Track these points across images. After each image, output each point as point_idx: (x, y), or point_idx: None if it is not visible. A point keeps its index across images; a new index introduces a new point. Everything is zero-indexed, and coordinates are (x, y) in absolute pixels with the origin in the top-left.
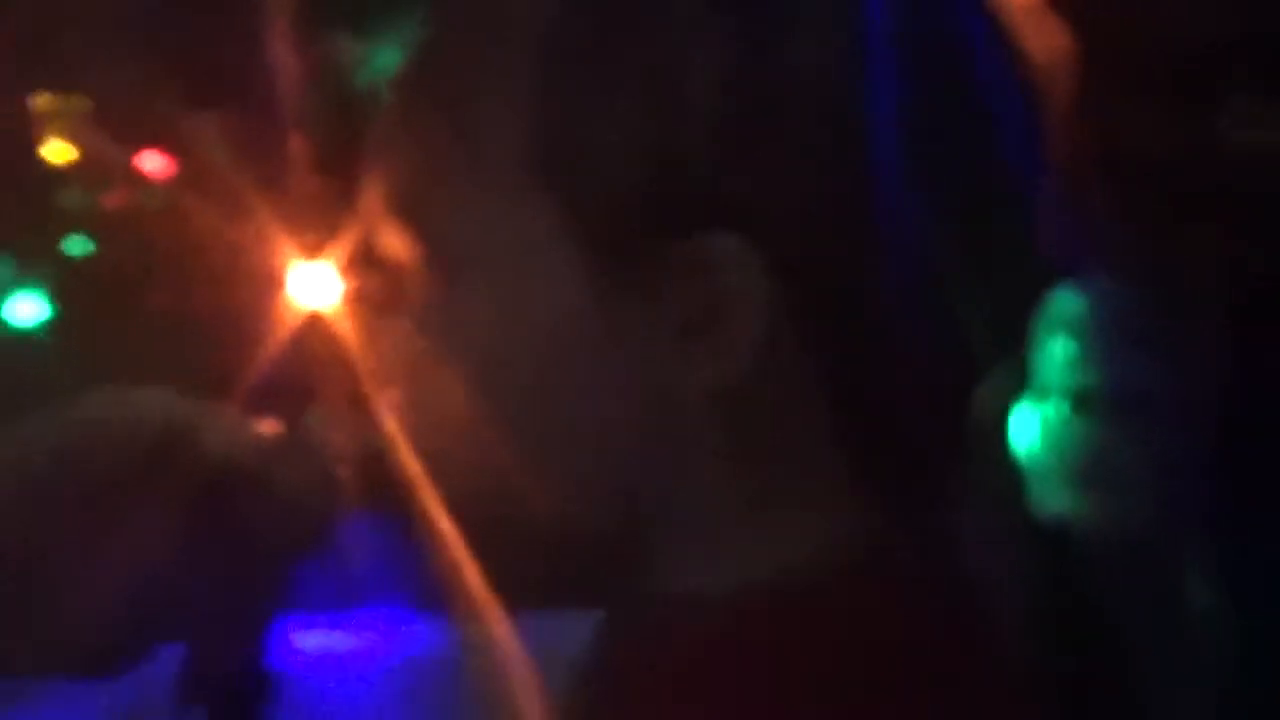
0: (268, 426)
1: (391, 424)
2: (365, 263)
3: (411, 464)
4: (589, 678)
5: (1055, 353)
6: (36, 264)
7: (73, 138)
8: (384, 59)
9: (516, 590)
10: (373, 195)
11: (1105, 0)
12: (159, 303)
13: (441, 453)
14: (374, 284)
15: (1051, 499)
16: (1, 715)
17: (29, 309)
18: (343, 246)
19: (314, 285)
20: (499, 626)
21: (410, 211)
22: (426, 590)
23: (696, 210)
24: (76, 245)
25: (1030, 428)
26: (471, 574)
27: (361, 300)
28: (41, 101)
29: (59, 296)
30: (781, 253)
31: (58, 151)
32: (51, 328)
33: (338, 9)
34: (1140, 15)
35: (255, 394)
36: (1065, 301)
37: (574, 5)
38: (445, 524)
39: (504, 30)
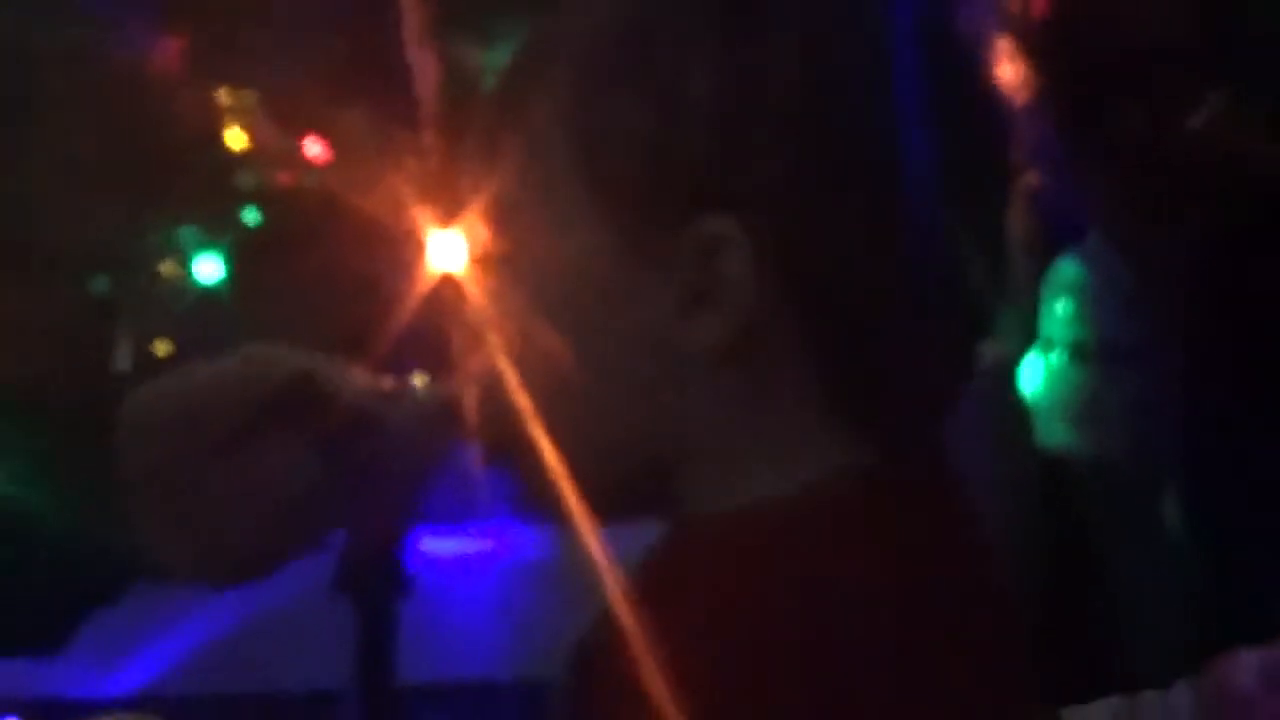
0: (383, 380)
1: (496, 369)
2: (475, 234)
3: (514, 401)
4: (634, 580)
5: (1057, 311)
6: (217, 232)
7: (247, 127)
8: (492, 63)
9: (594, 505)
10: (477, 178)
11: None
12: (314, 265)
13: (532, 391)
14: (481, 253)
15: (1051, 434)
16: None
17: (211, 269)
18: (461, 219)
19: (441, 252)
20: (585, 534)
21: (493, 196)
22: (529, 504)
23: (700, 199)
24: (249, 216)
25: (1036, 374)
26: (564, 491)
27: (475, 264)
28: (223, 96)
29: (234, 259)
30: (774, 234)
31: (236, 139)
32: (227, 285)
33: (462, 21)
34: (1126, 20)
35: (384, 346)
36: (1066, 269)
37: (603, 30)
38: (540, 450)
39: (553, 51)
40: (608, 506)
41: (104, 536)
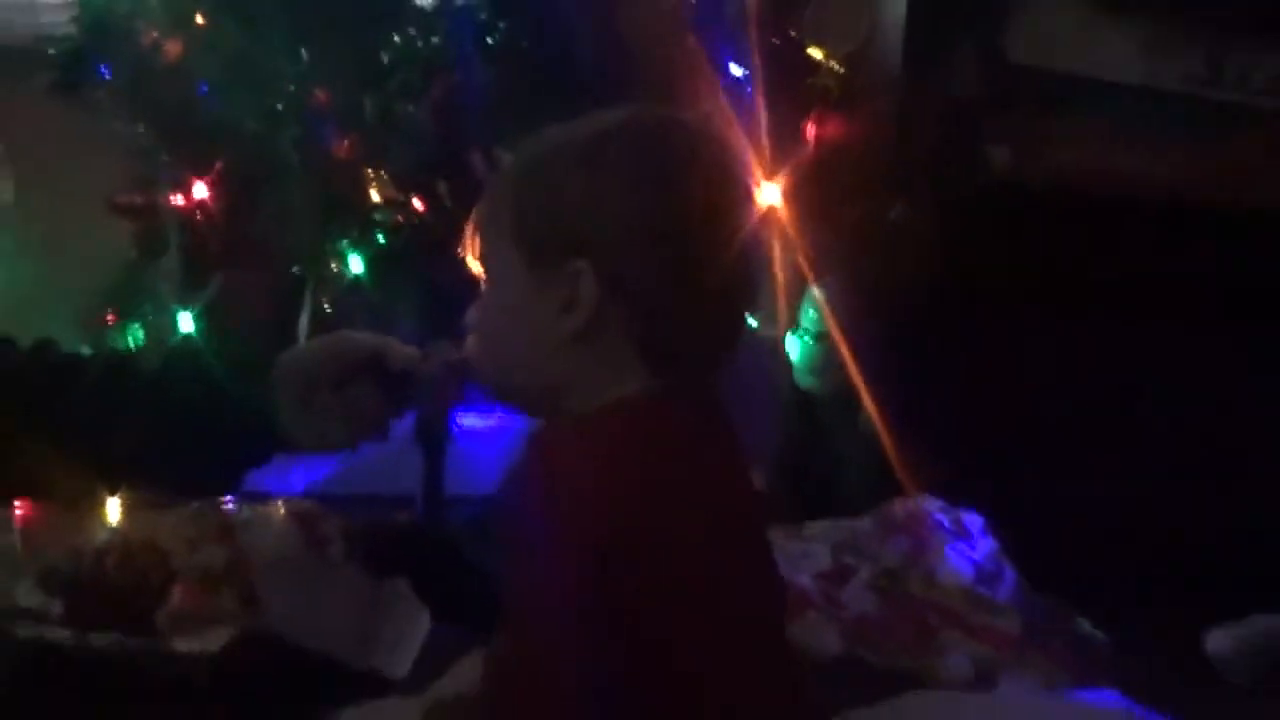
0: (417, 349)
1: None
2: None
3: (486, 357)
4: (536, 442)
5: (809, 313)
6: (362, 245)
7: (381, 189)
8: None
9: (522, 409)
10: (476, 233)
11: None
12: (411, 269)
13: (493, 351)
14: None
15: (802, 379)
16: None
17: (357, 266)
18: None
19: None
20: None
21: (481, 243)
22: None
23: (569, 249)
24: (380, 238)
25: (796, 346)
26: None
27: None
28: (370, 171)
29: (370, 262)
30: (609, 269)
31: (376, 194)
32: (366, 276)
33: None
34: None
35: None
36: (812, 294)
37: (526, 162)
38: (501, 392)
39: (507, 170)
40: (528, 409)
41: (264, 422)
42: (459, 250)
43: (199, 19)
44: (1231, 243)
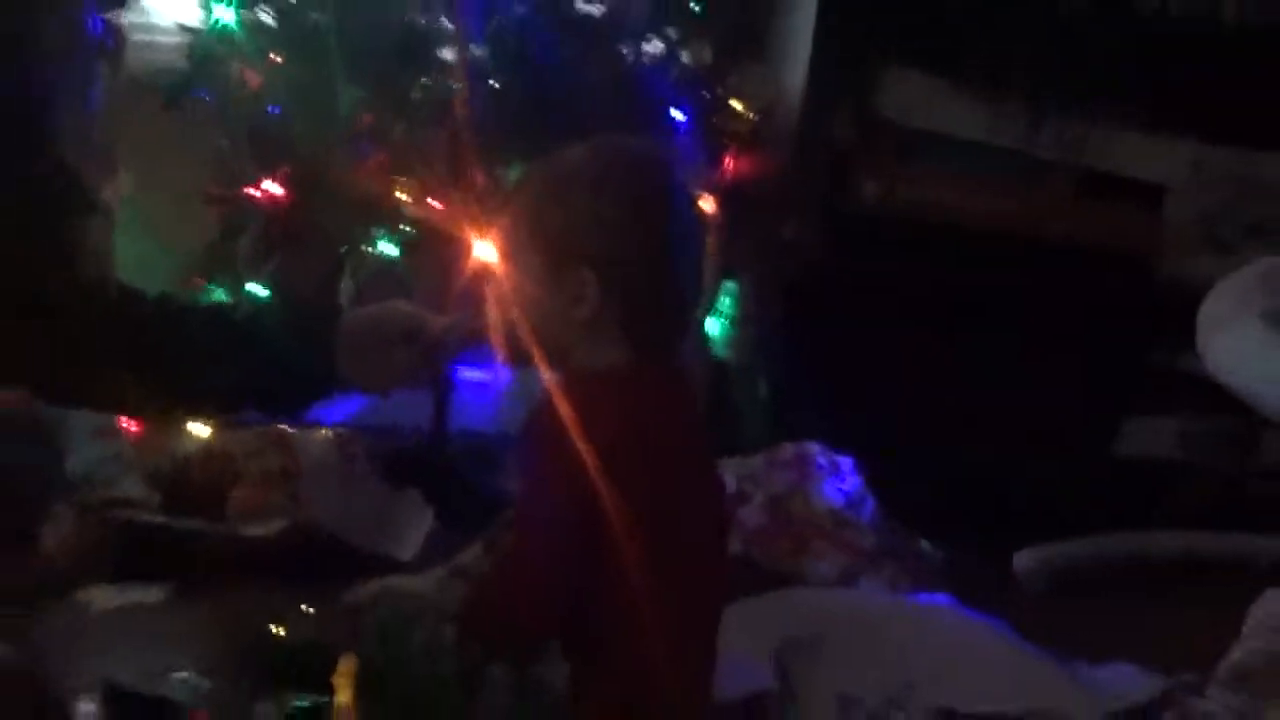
0: (444, 317)
1: (502, 314)
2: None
3: (509, 324)
4: (545, 394)
5: (724, 301)
6: (395, 234)
7: (410, 192)
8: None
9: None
10: (501, 232)
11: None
12: (433, 253)
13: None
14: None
15: (719, 351)
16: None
17: (391, 250)
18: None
19: (487, 256)
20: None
21: (505, 242)
22: (510, 357)
23: (577, 259)
24: (409, 229)
25: (715, 327)
26: (519, 359)
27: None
28: (401, 180)
29: (401, 247)
30: (607, 274)
31: (404, 196)
32: (399, 258)
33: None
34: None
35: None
36: (729, 284)
37: (546, 179)
38: (511, 343)
39: (526, 184)
40: (541, 364)
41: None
42: (474, 245)
43: (275, 58)
44: (1035, 260)
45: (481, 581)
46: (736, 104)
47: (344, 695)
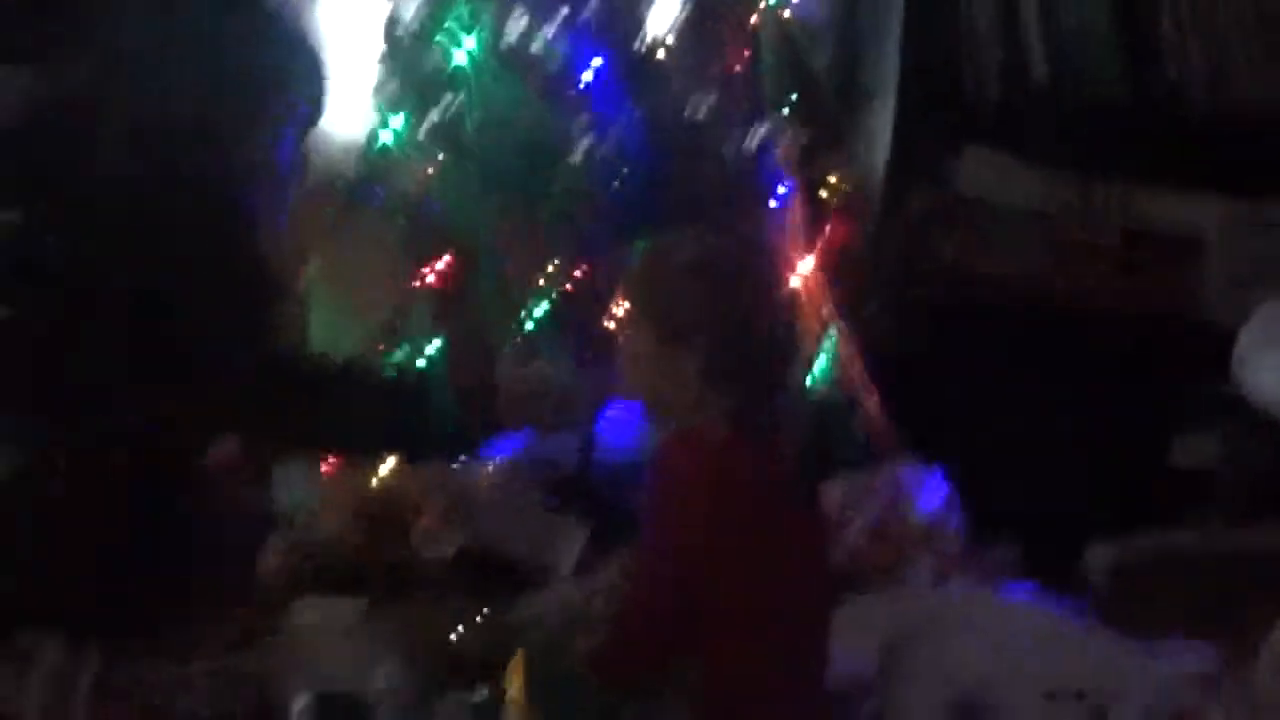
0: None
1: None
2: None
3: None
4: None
5: (829, 347)
6: (538, 309)
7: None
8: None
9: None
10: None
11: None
12: (567, 325)
13: (638, 385)
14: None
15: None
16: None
17: (535, 320)
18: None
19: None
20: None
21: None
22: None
23: (674, 337)
24: (550, 303)
25: (820, 367)
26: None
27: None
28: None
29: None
30: (704, 351)
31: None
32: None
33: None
34: None
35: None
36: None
37: (657, 282)
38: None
39: (638, 279)
40: (651, 414)
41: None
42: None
43: (440, 158)
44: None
45: (610, 626)
46: (829, 182)
47: (514, 690)
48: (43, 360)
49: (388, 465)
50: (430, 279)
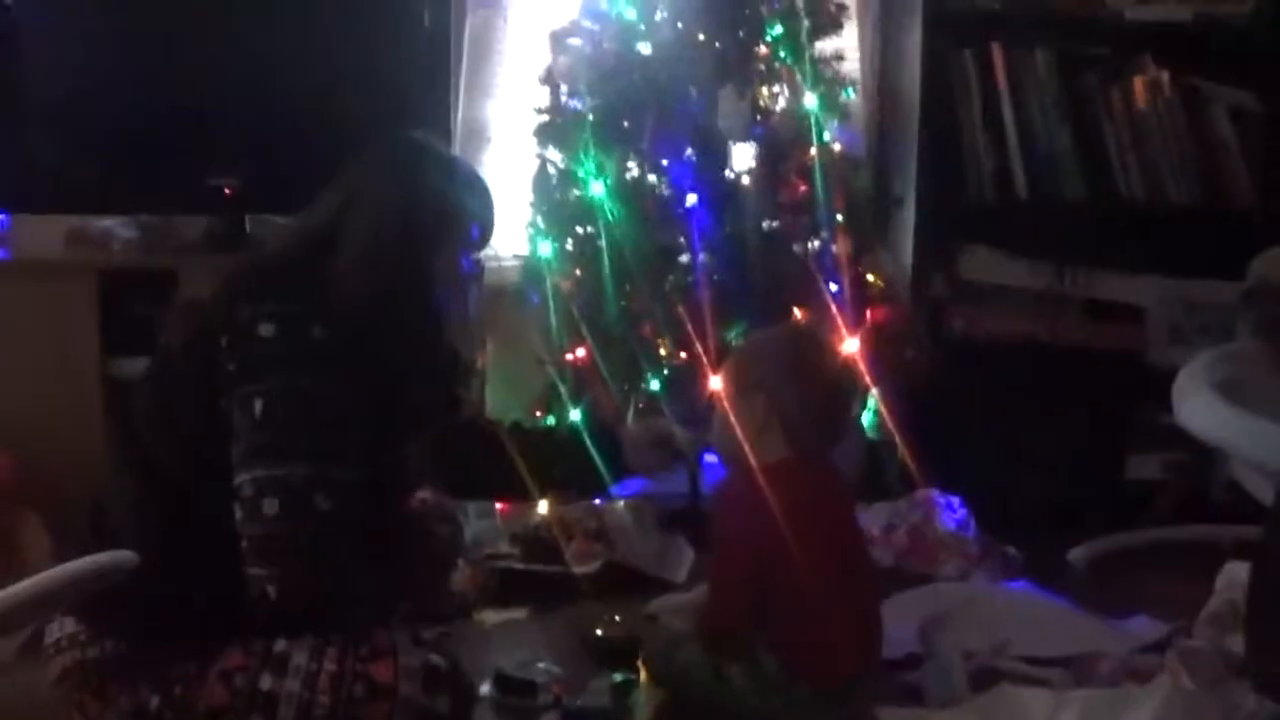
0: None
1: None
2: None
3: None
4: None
5: (871, 402)
6: (658, 377)
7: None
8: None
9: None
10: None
11: None
12: (681, 389)
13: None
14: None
15: (871, 433)
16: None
17: (655, 386)
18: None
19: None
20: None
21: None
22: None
23: (759, 389)
24: (666, 372)
25: (867, 419)
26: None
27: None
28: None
29: (663, 386)
30: (778, 405)
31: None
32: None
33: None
34: None
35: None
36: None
37: (767, 359)
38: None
39: (750, 357)
40: (726, 461)
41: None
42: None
43: (577, 272)
44: (1065, 358)
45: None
46: (870, 276)
47: (645, 672)
48: (314, 421)
49: (544, 504)
50: (574, 359)
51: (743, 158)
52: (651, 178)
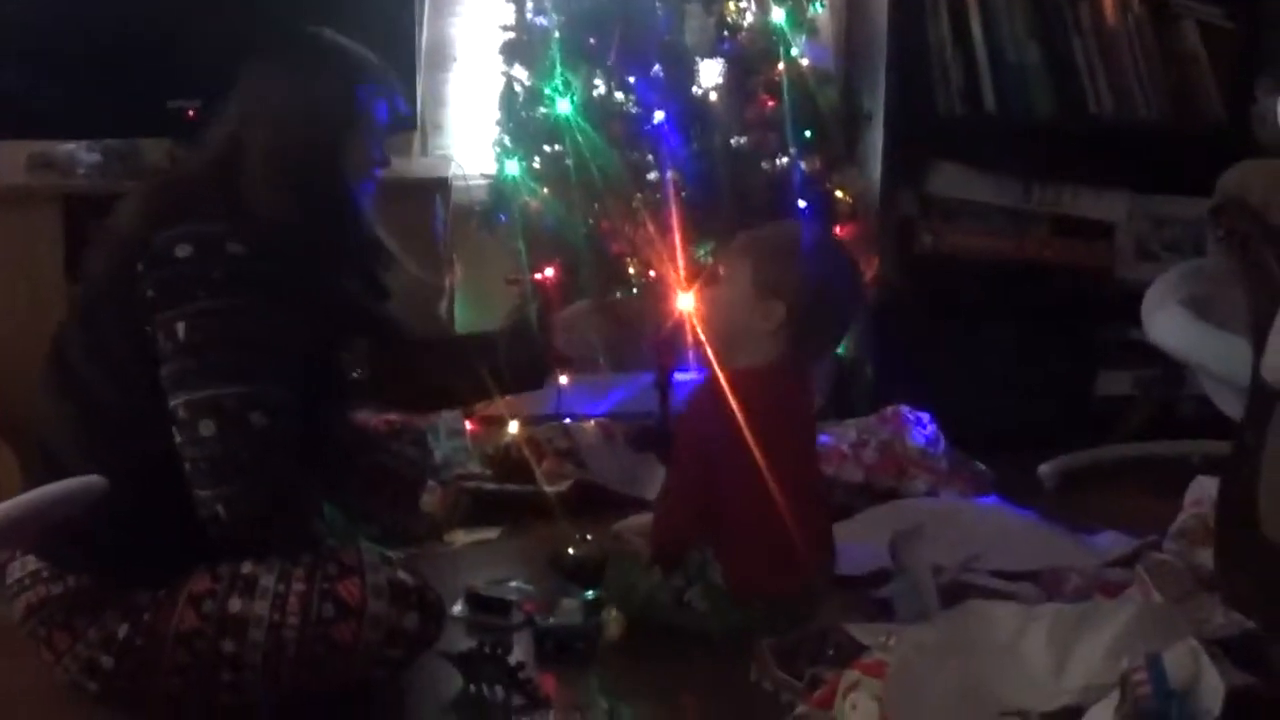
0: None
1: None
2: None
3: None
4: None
5: None
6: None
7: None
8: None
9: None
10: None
11: None
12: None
13: (706, 328)
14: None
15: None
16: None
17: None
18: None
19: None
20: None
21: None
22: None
23: (773, 294)
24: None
25: None
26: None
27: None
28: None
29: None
30: (791, 309)
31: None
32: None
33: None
34: None
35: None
36: None
37: (759, 246)
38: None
39: (741, 247)
40: (720, 358)
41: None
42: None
43: (545, 191)
44: (1033, 275)
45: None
46: (839, 193)
47: (610, 601)
48: (240, 339)
49: (514, 424)
50: (543, 279)
51: (710, 74)
52: (619, 95)
